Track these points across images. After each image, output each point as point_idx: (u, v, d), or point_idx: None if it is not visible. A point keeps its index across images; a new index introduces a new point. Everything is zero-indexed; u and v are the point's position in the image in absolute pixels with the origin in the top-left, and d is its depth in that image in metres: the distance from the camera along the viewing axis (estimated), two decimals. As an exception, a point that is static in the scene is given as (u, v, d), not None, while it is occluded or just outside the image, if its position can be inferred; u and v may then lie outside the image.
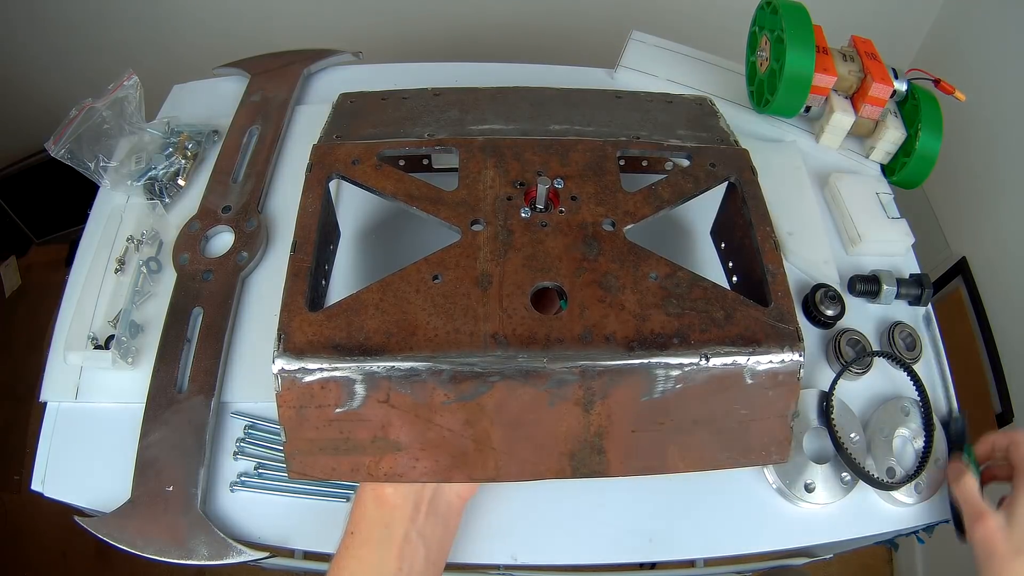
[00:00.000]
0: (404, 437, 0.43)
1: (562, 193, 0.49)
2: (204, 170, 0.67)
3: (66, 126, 0.63)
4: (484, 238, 0.46)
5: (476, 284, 0.44)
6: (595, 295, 0.44)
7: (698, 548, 0.53)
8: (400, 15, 1.23)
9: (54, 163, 0.63)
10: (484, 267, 0.45)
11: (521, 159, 0.50)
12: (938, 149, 0.68)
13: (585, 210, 0.48)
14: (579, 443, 0.44)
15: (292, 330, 0.42)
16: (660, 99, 0.61)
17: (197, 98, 0.75)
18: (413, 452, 0.43)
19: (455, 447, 0.44)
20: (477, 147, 0.51)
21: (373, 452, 0.43)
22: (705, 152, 0.53)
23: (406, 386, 0.41)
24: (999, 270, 1.01)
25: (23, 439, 1.28)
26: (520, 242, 0.46)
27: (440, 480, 0.44)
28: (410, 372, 0.41)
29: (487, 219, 0.47)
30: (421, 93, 0.58)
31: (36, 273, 1.49)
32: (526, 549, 0.51)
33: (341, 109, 0.57)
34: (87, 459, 0.53)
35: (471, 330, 0.42)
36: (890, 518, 0.54)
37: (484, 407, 0.43)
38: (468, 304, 0.43)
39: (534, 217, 0.47)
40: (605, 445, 0.44)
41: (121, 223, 0.63)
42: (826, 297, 0.60)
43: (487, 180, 0.49)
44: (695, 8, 1.21)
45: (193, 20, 1.22)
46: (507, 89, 0.59)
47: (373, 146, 0.51)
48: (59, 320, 0.58)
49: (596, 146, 0.52)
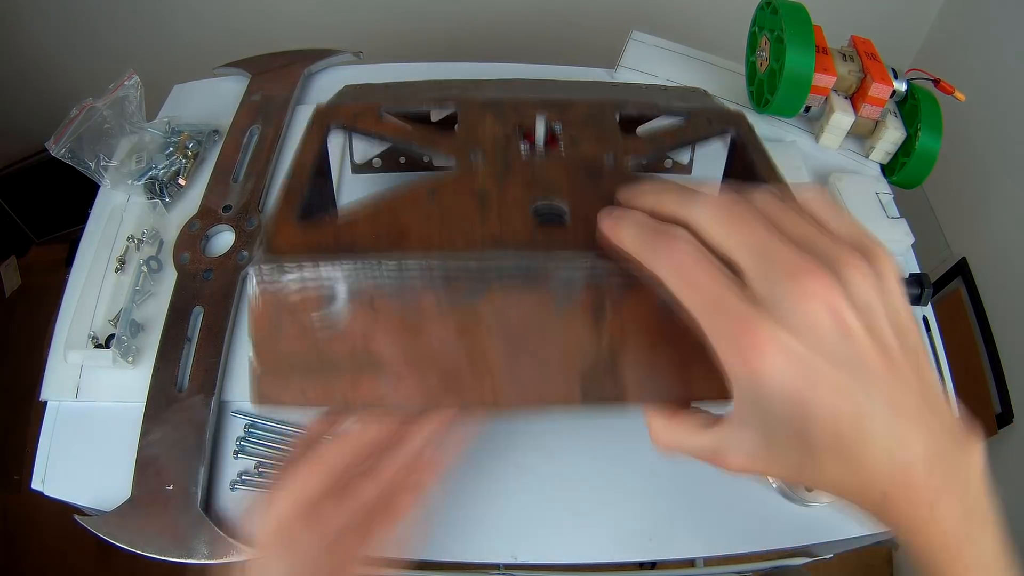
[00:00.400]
0: (387, 350, 0.37)
1: (562, 137, 0.46)
2: (205, 170, 0.67)
3: (67, 125, 0.63)
4: (481, 165, 0.43)
5: (474, 197, 0.40)
6: (600, 209, 0.37)
7: (698, 548, 0.53)
8: (400, 15, 1.23)
9: (54, 163, 0.63)
10: (483, 185, 0.41)
11: (519, 112, 0.48)
12: (938, 149, 0.68)
13: (586, 147, 0.45)
14: (589, 360, 0.38)
15: (276, 236, 0.38)
16: (656, 89, 0.61)
17: (197, 98, 0.75)
18: (397, 368, 0.38)
19: (446, 363, 0.38)
20: (477, 103, 0.50)
21: (351, 369, 0.38)
22: (701, 112, 0.52)
23: (392, 288, 0.36)
24: (999, 270, 1.01)
25: (23, 439, 1.28)
26: (518, 167, 0.43)
27: (427, 406, 0.38)
28: (398, 270, 0.36)
29: (486, 152, 0.44)
30: (425, 81, 0.58)
31: (36, 273, 1.49)
32: (526, 548, 0.51)
33: (343, 94, 0.57)
34: (87, 458, 0.53)
35: (467, 231, 0.38)
36: (890, 518, 0.54)
37: (480, 314, 0.37)
38: (465, 213, 0.39)
39: (533, 151, 0.45)
40: (619, 363, 0.37)
41: (121, 223, 0.63)
42: (826, 297, 0.60)
43: (486, 126, 0.47)
44: (695, 8, 1.21)
45: (193, 20, 1.22)
46: (508, 80, 0.59)
47: (373, 104, 0.50)
48: (59, 319, 0.58)
49: (594, 103, 0.50)
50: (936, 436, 0.27)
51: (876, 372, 0.26)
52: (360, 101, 0.55)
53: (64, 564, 1.21)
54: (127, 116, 0.66)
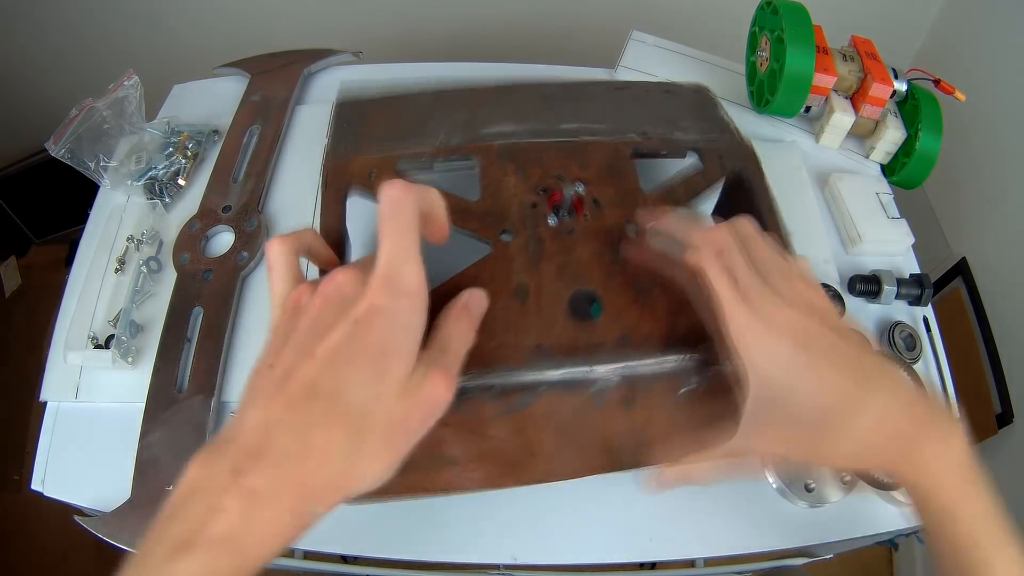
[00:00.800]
0: (458, 451, 0.44)
1: (585, 198, 0.49)
2: (204, 170, 0.67)
3: (66, 126, 0.63)
4: (515, 249, 0.46)
5: (514, 296, 0.44)
6: (628, 297, 0.45)
7: (698, 548, 0.53)
8: (400, 15, 1.23)
9: (54, 163, 0.63)
10: (519, 279, 0.45)
11: (541, 164, 0.51)
12: (938, 149, 0.68)
13: (608, 214, 0.49)
14: (622, 439, 0.46)
15: None
16: (658, 89, 0.61)
17: (197, 98, 0.75)
18: (466, 464, 0.45)
19: (506, 455, 0.45)
20: (495, 153, 0.51)
21: (428, 468, 0.44)
22: (712, 146, 0.54)
23: (457, 404, 0.41)
24: (999, 270, 1.01)
25: (23, 439, 1.28)
26: (551, 250, 0.46)
27: (494, 487, 0.45)
28: (460, 392, 0.41)
29: (515, 229, 0.47)
30: (422, 96, 0.58)
31: (36, 273, 1.49)
32: (526, 549, 0.51)
33: (341, 117, 0.56)
34: (87, 459, 0.53)
35: (515, 343, 0.43)
36: (890, 518, 0.54)
37: (533, 416, 0.44)
38: (508, 318, 0.43)
39: (562, 224, 0.48)
40: (647, 438, 0.46)
41: (121, 223, 0.63)
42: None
43: (510, 187, 0.49)
44: (695, 8, 1.21)
45: (193, 20, 1.22)
46: (509, 87, 0.59)
47: (388, 158, 0.51)
48: (59, 320, 0.58)
49: (611, 146, 0.53)
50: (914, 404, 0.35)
51: (844, 350, 0.35)
52: (361, 123, 0.55)
53: (64, 564, 1.21)
54: (127, 116, 0.66)
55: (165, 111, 0.73)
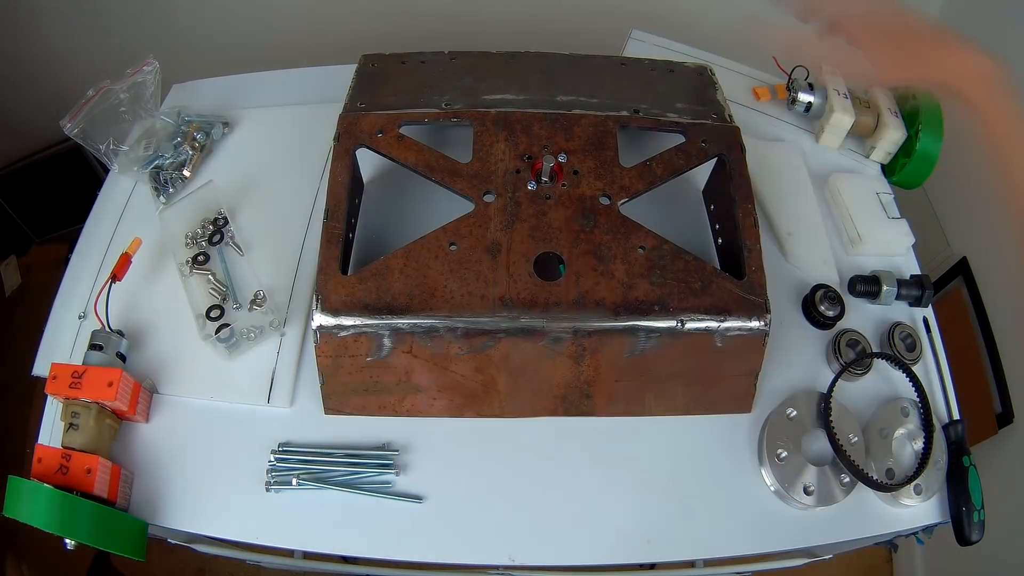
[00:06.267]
0: (424, 381, 0.50)
1: (565, 167, 0.54)
2: (210, 162, 0.67)
3: (82, 105, 0.63)
4: (495, 209, 0.52)
5: (487, 251, 0.50)
6: (589, 264, 0.50)
7: (697, 549, 0.53)
8: (400, 15, 1.23)
9: (54, 162, 0.63)
10: (494, 236, 0.50)
11: (530, 133, 0.55)
12: (939, 150, 0.67)
13: (585, 184, 0.53)
14: (570, 389, 0.52)
15: (328, 292, 0.48)
16: (663, 67, 0.63)
17: (207, 93, 0.75)
18: (431, 393, 0.52)
19: (467, 389, 0.52)
20: (490, 120, 0.56)
21: (398, 392, 0.51)
22: (698, 129, 0.57)
23: (426, 340, 0.48)
24: (999, 270, 1.01)
25: (23, 439, 1.28)
26: (526, 213, 0.52)
27: (454, 415, 0.53)
28: (430, 328, 0.47)
29: (498, 191, 0.53)
30: (438, 56, 0.62)
31: (36, 273, 1.49)
32: (524, 550, 0.51)
33: (363, 73, 0.60)
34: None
35: (482, 293, 0.48)
36: (889, 519, 0.54)
37: (492, 357, 0.50)
38: (480, 270, 0.49)
39: (540, 190, 0.53)
40: (592, 391, 0.52)
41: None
42: (826, 298, 0.60)
43: (498, 153, 0.54)
44: (695, 8, 1.21)
45: (192, 21, 1.22)
46: (519, 54, 0.63)
47: (395, 117, 0.56)
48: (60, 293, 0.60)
49: (598, 121, 0.57)
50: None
51: None
52: (378, 81, 0.59)
53: (64, 564, 1.21)
54: (142, 102, 0.65)
55: (170, 101, 0.73)
